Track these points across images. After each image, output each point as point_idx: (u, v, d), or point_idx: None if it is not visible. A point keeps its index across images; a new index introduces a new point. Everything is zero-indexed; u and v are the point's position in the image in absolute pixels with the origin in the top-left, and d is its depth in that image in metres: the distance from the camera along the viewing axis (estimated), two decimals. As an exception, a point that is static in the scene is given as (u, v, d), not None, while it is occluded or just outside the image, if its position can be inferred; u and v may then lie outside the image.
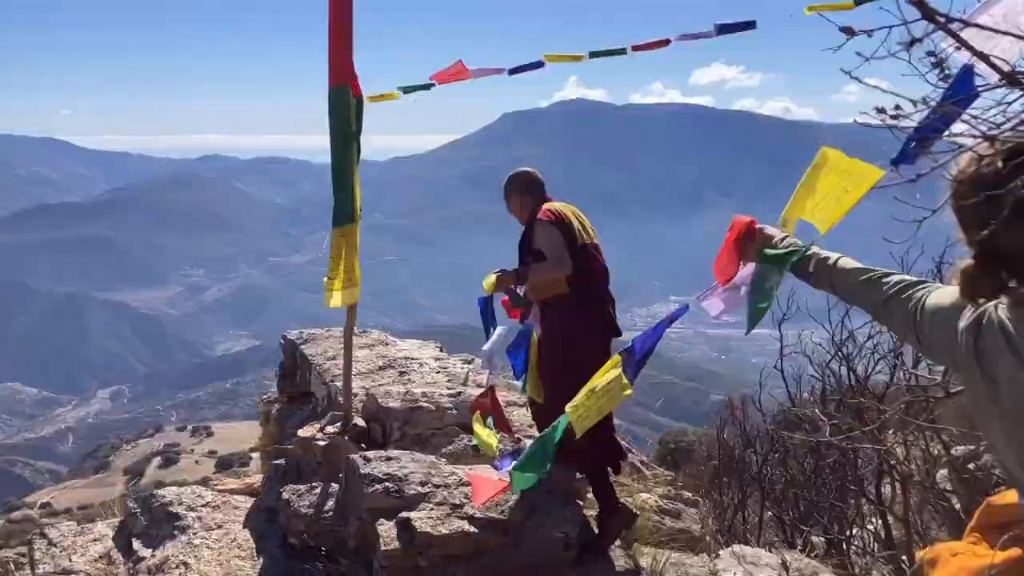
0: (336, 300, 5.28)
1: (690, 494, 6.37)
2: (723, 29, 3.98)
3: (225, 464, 53.49)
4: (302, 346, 7.26)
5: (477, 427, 4.55)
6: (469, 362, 6.79)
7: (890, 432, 5.09)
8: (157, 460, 60.42)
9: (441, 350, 7.52)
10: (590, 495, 4.94)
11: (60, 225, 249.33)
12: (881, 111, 1.62)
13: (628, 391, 3.13)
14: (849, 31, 1.71)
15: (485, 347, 4.73)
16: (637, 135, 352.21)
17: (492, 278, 4.64)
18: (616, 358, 3.21)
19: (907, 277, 2.21)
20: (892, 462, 4.69)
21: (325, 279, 5.32)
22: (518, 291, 4.61)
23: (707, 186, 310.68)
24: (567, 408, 3.23)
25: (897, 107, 1.60)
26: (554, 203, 4.69)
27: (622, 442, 5.27)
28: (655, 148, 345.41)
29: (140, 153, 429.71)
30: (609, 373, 3.18)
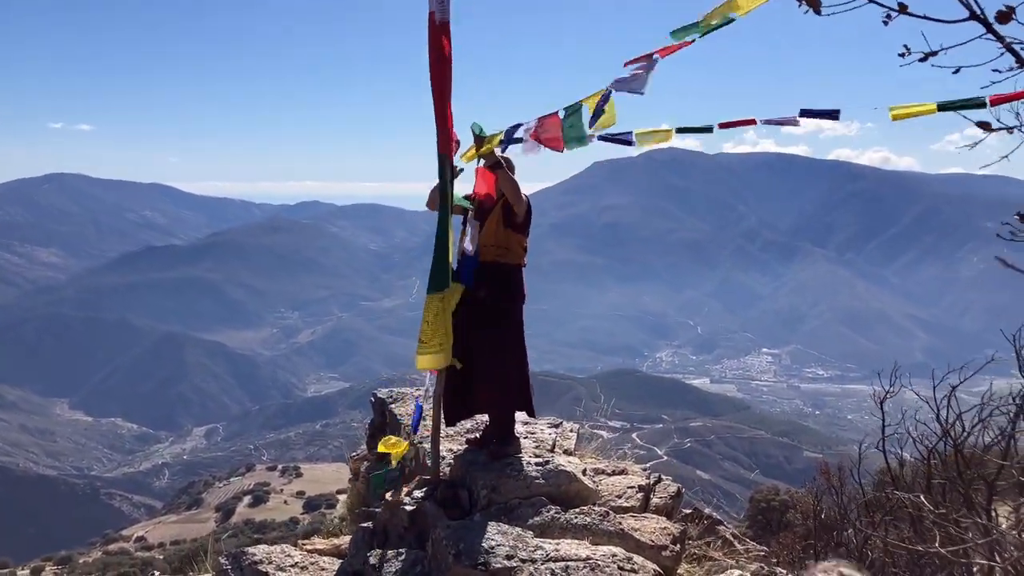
0: (423, 363, 5.31)
1: (784, 571, 6.13)
2: (805, 113, 3.98)
3: (312, 505, 54.20)
4: (391, 405, 7.31)
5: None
6: (556, 426, 6.72)
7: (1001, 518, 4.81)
8: (247, 499, 61.47)
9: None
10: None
11: (163, 267, 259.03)
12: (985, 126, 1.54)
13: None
14: (986, 127, 1.64)
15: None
16: (729, 184, 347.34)
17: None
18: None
19: None
20: (1005, 555, 4.42)
21: (419, 343, 5.32)
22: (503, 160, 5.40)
23: (801, 236, 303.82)
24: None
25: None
26: None
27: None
28: (747, 197, 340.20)
29: (241, 198, 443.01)
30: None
